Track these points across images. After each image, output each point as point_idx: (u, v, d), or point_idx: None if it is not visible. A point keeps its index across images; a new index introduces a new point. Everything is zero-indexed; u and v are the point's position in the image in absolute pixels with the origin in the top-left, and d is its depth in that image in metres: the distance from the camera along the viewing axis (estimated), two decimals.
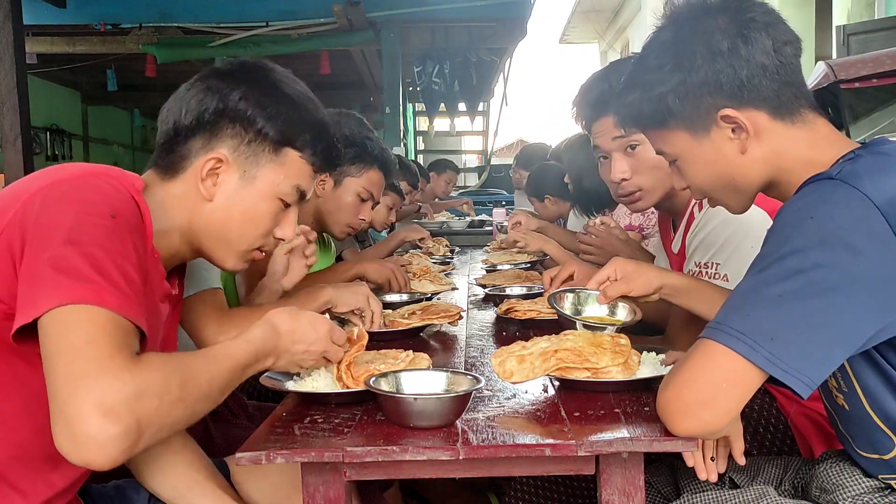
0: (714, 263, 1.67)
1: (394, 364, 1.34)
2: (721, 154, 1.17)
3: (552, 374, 1.27)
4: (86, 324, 0.90)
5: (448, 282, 2.57)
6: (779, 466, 1.36)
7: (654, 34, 1.22)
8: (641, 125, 1.25)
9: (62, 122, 10.22)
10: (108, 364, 0.88)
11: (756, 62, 1.12)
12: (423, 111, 9.96)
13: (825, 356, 1.00)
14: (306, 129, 1.29)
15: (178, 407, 0.94)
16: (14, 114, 4.32)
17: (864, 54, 4.79)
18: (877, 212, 0.99)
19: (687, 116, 1.17)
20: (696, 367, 1.04)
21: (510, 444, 1.06)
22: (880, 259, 0.98)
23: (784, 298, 0.99)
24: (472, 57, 7.92)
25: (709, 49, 1.13)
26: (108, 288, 0.93)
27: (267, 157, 1.25)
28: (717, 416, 1.03)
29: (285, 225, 1.31)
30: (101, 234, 0.98)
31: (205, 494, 1.30)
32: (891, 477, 1.15)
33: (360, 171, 2.42)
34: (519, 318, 1.90)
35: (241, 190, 1.23)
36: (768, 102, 1.13)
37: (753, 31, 1.12)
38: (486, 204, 8.15)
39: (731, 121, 1.14)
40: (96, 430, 0.85)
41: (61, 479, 1.11)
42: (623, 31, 15.61)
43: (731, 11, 1.15)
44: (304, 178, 1.30)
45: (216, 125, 1.23)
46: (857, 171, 1.04)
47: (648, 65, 1.20)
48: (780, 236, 1.03)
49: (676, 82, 1.15)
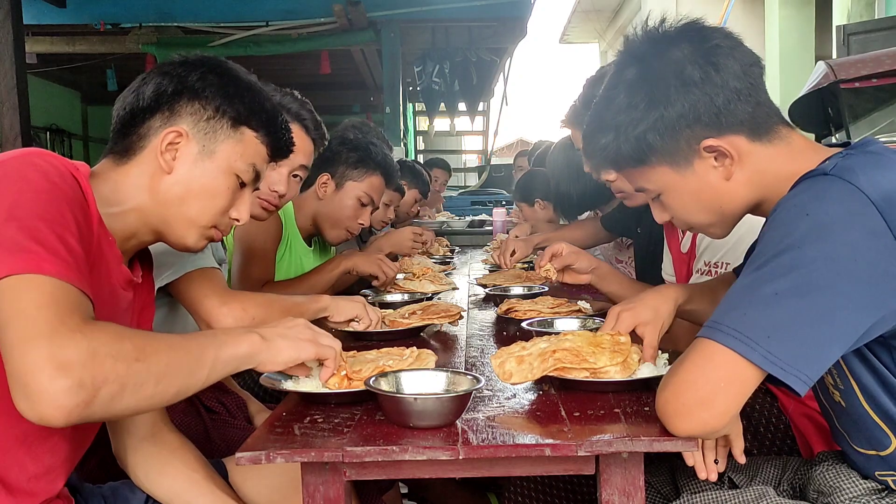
0: (724, 263, 1.68)
1: (399, 361, 1.34)
2: (707, 183, 1.18)
3: (550, 374, 1.27)
4: (33, 292, 0.92)
5: (448, 282, 2.57)
6: (778, 466, 1.36)
7: (616, 73, 1.21)
8: (619, 166, 1.24)
9: (62, 121, 10.22)
10: (58, 325, 0.90)
11: (730, 87, 1.13)
12: (423, 111, 9.96)
13: (822, 353, 1.00)
14: (262, 112, 1.31)
15: (138, 368, 0.93)
16: (14, 114, 4.32)
17: (864, 54, 4.79)
18: (872, 207, 0.99)
19: (668, 151, 1.17)
20: (694, 367, 1.04)
21: (510, 444, 1.06)
22: (875, 254, 0.98)
23: (781, 296, 0.99)
24: (472, 57, 7.92)
25: (682, 81, 1.13)
26: (49, 256, 0.95)
27: (225, 134, 1.27)
28: (716, 416, 1.03)
29: (240, 206, 1.31)
30: (40, 207, 0.99)
31: (203, 495, 1.30)
32: (888, 474, 1.15)
33: (361, 176, 2.47)
34: (519, 318, 1.90)
35: (200, 163, 1.25)
36: (745, 125, 1.14)
37: (721, 57, 1.13)
38: (486, 204, 8.13)
39: (714, 149, 1.15)
40: (48, 384, 0.86)
41: (34, 462, 1.11)
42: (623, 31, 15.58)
43: (693, 41, 1.15)
44: (259, 158, 1.32)
45: (175, 104, 1.25)
46: (851, 166, 1.05)
47: (618, 105, 1.18)
48: (776, 233, 1.04)
49: (654, 119, 1.15)
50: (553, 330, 1.62)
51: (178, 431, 1.38)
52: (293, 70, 8.66)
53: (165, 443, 1.34)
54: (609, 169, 1.27)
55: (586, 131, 1.26)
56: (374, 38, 6.83)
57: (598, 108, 1.23)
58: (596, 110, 1.23)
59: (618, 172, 1.28)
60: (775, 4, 9.58)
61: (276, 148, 1.35)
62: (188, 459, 1.34)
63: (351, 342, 1.72)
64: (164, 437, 1.34)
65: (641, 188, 1.26)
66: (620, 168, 1.25)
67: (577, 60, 44.85)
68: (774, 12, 9.64)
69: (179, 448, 1.34)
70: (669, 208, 1.25)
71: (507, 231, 4.28)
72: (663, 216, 1.28)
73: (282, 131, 1.36)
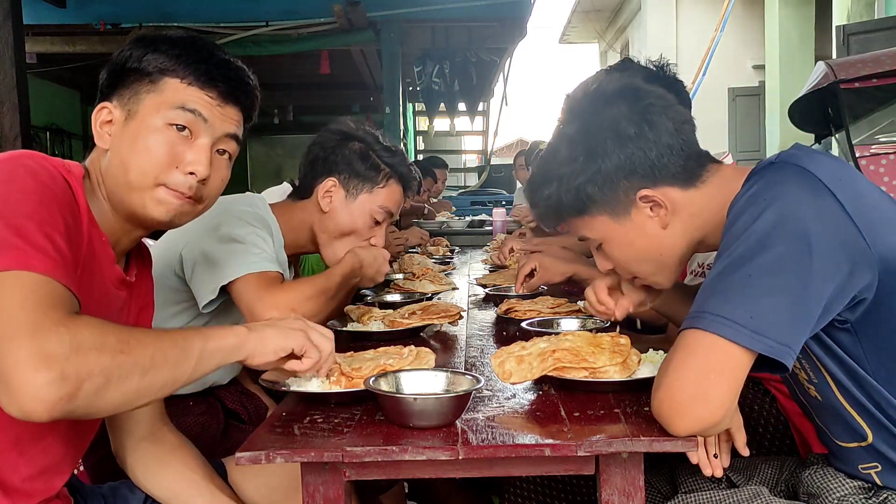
0: None
1: (399, 360, 1.34)
2: (643, 232, 1.24)
3: (550, 374, 1.27)
4: (16, 289, 0.92)
5: (448, 282, 2.57)
6: (776, 467, 1.36)
7: (559, 130, 1.29)
8: (562, 216, 1.30)
9: (62, 121, 10.21)
10: (41, 320, 0.90)
11: (663, 143, 1.20)
12: (423, 111, 9.96)
13: (801, 324, 1.04)
14: (183, 55, 1.21)
15: (122, 360, 0.93)
16: (14, 113, 4.31)
17: (864, 54, 4.79)
18: (821, 184, 1.06)
19: (607, 202, 1.24)
20: (682, 363, 1.05)
21: (510, 444, 1.06)
22: (832, 226, 1.04)
23: (754, 277, 1.03)
24: (472, 57, 7.92)
25: (617, 135, 1.21)
26: (35, 253, 0.95)
27: (145, 91, 1.20)
28: (712, 410, 1.03)
29: (190, 154, 1.20)
30: (29, 207, 1.00)
31: (202, 495, 1.30)
32: (871, 466, 1.17)
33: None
34: (519, 318, 1.90)
35: (125, 126, 1.20)
36: (678, 178, 1.22)
37: (654, 115, 1.21)
38: (485, 204, 8.13)
39: (649, 200, 1.22)
40: (30, 378, 0.86)
41: (27, 464, 1.11)
42: (623, 31, 15.61)
43: (629, 100, 1.22)
44: (190, 99, 1.20)
45: (109, 86, 1.22)
46: (793, 154, 1.13)
47: (560, 158, 1.26)
48: (739, 222, 1.08)
49: (593, 171, 1.22)
50: (553, 330, 1.62)
51: (178, 431, 1.38)
52: (293, 70, 8.65)
53: (165, 442, 1.34)
54: (552, 219, 1.33)
55: (531, 183, 1.32)
56: (373, 38, 6.83)
57: (543, 161, 1.30)
58: (541, 163, 1.31)
59: (561, 222, 1.33)
60: (775, 4, 9.59)
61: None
62: (187, 459, 1.34)
63: (350, 342, 1.72)
64: (163, 437, 1.34)
65: (584, 237, 1.32)
66: (563, 218, 1.31)
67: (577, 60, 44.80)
68: (774, 12, 9.65)
69: (179, 448, 1.34)
70: (611, 257, 1.31)
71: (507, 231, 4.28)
72: (606, 265, 1.34)
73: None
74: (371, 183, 1.89)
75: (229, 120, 1.25)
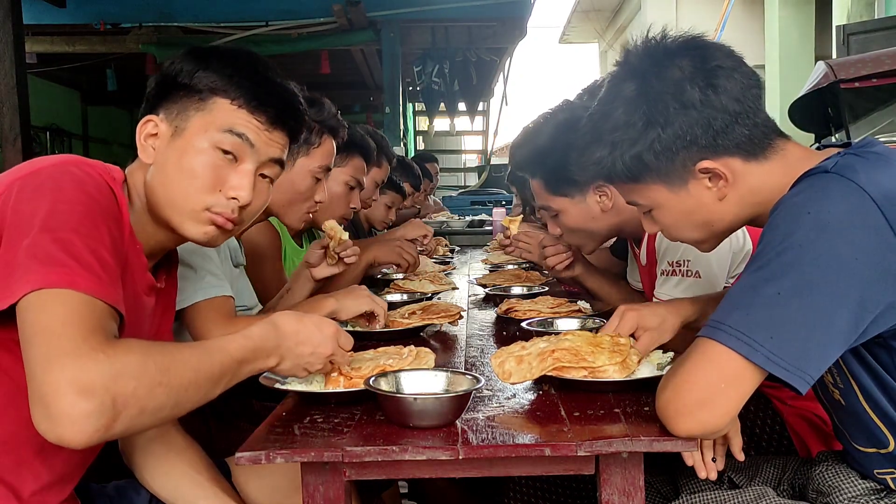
0: (685, 261, 1.70)
1: (399, 360, 1.34)
2: (700, 203, 1.18)
3: (549, 373, 1.27)
4: (60, 307, 0.91)
5: (448, 282, 2.57)
6: (777, 466, 1.36)
7: (614, 86, 1.19)
8: (611, 180, 1.24)
9: (62, 121, 10.20)
10: (83, 344, 0.89)
11: (728, 111, 1.12)
12: (423, 111, 9.96)
13: (824, 352, 1.00)
14: (235, 76, 1.21)
15: (160, 391, 0.92)
16: (14, 114, 4.31)
17: (864, 54, 4.80)
18: (872, 203, 0.99)
19: (663, 171, 1.16)
20: (695, 368, 1.04)
21: (510, 444, 1.06)
22: (876, 251, 0.98)
23: (783, 296, 0.99)
24: (472, 57, 7.91)
25: (681, 103, 1.12)
26: (82, 272, 0.94)
27: (194, 108, 1.20)
28: (716, 417, 1.03)
29: (234, 180, 1.20)
30: (75, 219, 0.99)
31: (206, 496, 1.30)
32: (888, 472, 1.15)
33: (344, 161, 2.31)
34: (519, 318, 1.90)
35: (171, 143, 1.19)
36: (742, 147, 1.14)
37: (722, 79, 1.12)
38: (485, 204, 8.12)
39: (709, 171, 1.14)
40: (70, 406, 0.85)
41: (49, 472, 1.11)
42: (623, 31, 15.60)
43: (695, 59, 1.13)
44: (238, 123, 1.20)
45: (157, 98, 1.22)
46: (851, 164, 1.05)
47: (616, 121, 1.17)
48: (777, 232, 1.03)
49: (651, 139, 1.14)
50: (553, 330, 1.62)
51: (185, 432, 1.38)
52: (293, 70, 8.63)
53: (173, 444, 1.34)
54: (600, 181, 1.28)
55: (581, 142, 1.24)
56: (373, 38, 6.83)
57: (595, 121, 1.21)
58: (592, 122, 1.22)
59: (610, 185, 1.28)
60: (775, 4, 9.58)
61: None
62: (194, 460, 1.34)
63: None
64: (171, 438, 1.34)
65: (633, 202, 1.26)
66: (613, 182, 1.25)
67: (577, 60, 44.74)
68: (774, 12, 9.64)
69: (186, 449, 1.34)
70: (660, 223, 1.25)
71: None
72: (653, 228, 1.28)
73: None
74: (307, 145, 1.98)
75: (276, 145, 1.26)
